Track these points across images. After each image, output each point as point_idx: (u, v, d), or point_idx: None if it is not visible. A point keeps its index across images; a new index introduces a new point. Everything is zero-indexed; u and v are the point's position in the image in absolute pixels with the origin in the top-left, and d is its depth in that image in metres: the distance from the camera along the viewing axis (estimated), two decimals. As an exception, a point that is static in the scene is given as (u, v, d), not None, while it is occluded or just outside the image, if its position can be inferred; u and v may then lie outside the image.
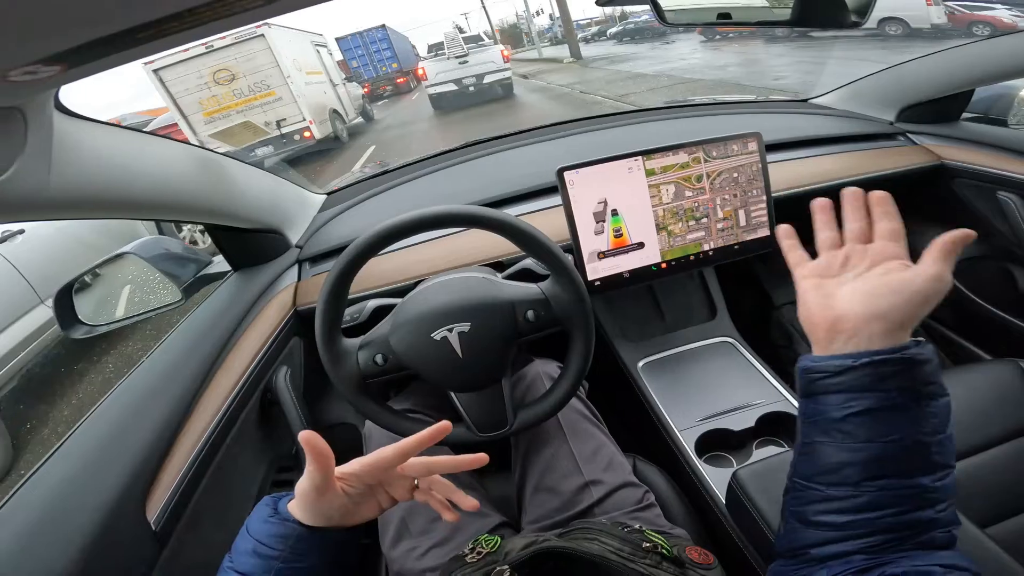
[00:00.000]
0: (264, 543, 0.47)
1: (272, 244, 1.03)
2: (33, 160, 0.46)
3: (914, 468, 0.37)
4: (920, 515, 0.37)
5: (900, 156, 1.14)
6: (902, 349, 0.38)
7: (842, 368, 0.39)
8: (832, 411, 0.39)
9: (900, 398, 0.37)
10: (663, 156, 0.88)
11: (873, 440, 0.38)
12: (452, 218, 0.62)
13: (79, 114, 0.54)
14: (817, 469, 0.41)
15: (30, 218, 0.54)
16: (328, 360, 0.66)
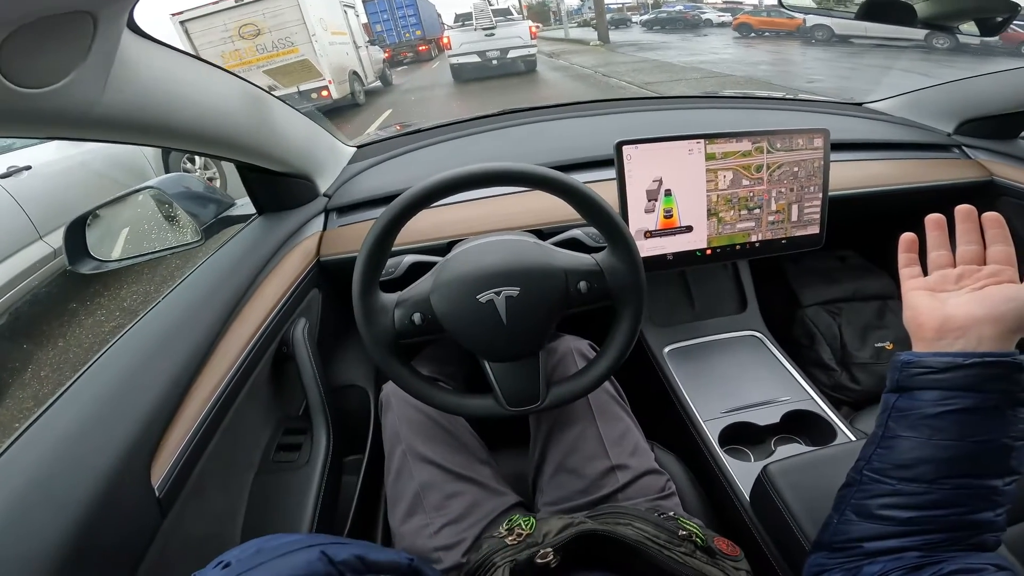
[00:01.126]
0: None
1: (301, 190, 0.99)
2: (91, 73, 0.43)
3: (991, 470, 0.38)
4: (982, 516, 0.38)
5: (953, 168, 1.12)
6: (1012, 355, 0.38)
7: (949, 365, 0.39)
8: (927, 407, 0.39)
9: (999, 400, 0.38)
10: (727, 142, 0.84)
11: (962, 439, 0.38)
12: (517, 176, 0.59)
13: (148, 34, 0.51)
14: (893, 463, 0.41)
15: (70, 135, 0.49)
16: (362, 315, 0.62)
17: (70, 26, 0.38)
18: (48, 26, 0.35)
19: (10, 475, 0.45)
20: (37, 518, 0.43)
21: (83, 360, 2.21)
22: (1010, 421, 0.38)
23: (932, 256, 0.47)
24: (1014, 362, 0.38)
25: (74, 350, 2.61)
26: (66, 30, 0.38)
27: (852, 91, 6.27)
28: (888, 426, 0.42)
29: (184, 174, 1.02)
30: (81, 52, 0.41)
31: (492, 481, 0.72)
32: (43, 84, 0.39)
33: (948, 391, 0.39)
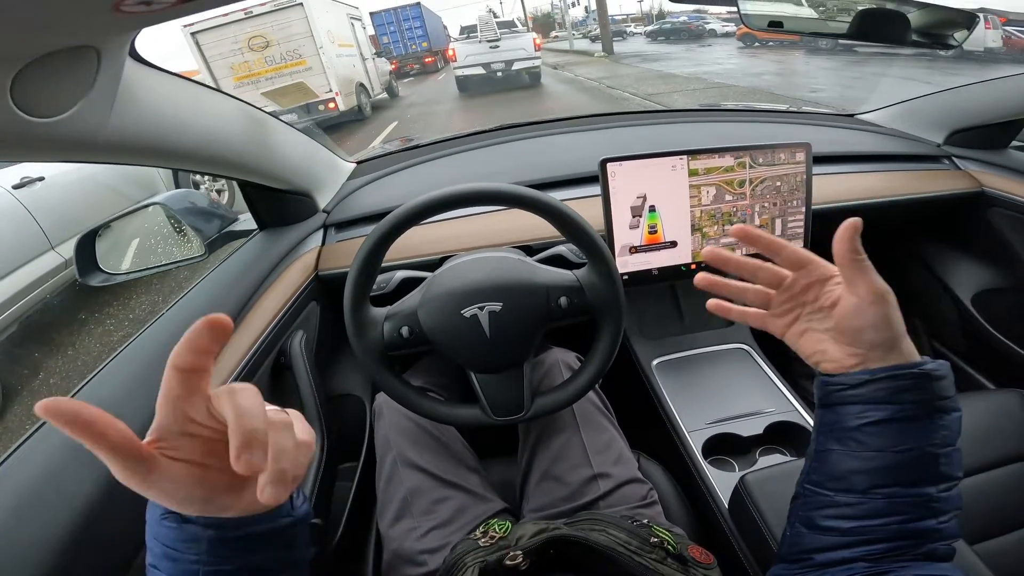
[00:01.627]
0: (176, 548, 0.34)
1: (301, 206, 1.02)
2: (97, 102, 0.46)
3: (921, 478, 0.39)
4: (923, 524, 0.38)
5: (942, 179, 1.13)
6: (919, 365, 0.39)
7: (861, 381, 0.40)
8: (848, 420, 0.41)
9: (915, 411, 0.39)
10: (709, 157, 0.86)
11: (885, 449, 0.39)
12: (499, 196, 0.62)
13: (149, 62, 0.54)
14: (828, 475, 0.42)
15: (78, 159, 0.53)
16: (353, 327, 0.65)
17: (75, 60, 0.41)
18: (55, 60, 0.38)
19: (26, 467, 0.49)
20: (48, 507, 0.46)
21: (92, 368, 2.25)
22: (931, 429, 0.39)
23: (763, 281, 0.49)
24: (921, 372, 0.39)
25: (83, 358, 2.66)
26: (72, 63, 0.41)
27: (855, 100, 6.27)
28: (819, 440, 0.44)
29: (190, 190, 1.06)
30: (87, 83, 0.44)
31: (479, 488, 0.74)
32: (53, 114, 0.42)
33: (865, 404, 0.40)
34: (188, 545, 0.34)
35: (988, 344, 1.12)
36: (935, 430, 0.39)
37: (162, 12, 0.33)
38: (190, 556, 0.34)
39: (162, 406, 0.32)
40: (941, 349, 1.23)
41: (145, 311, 3.02)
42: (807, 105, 6.12)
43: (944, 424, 0.39)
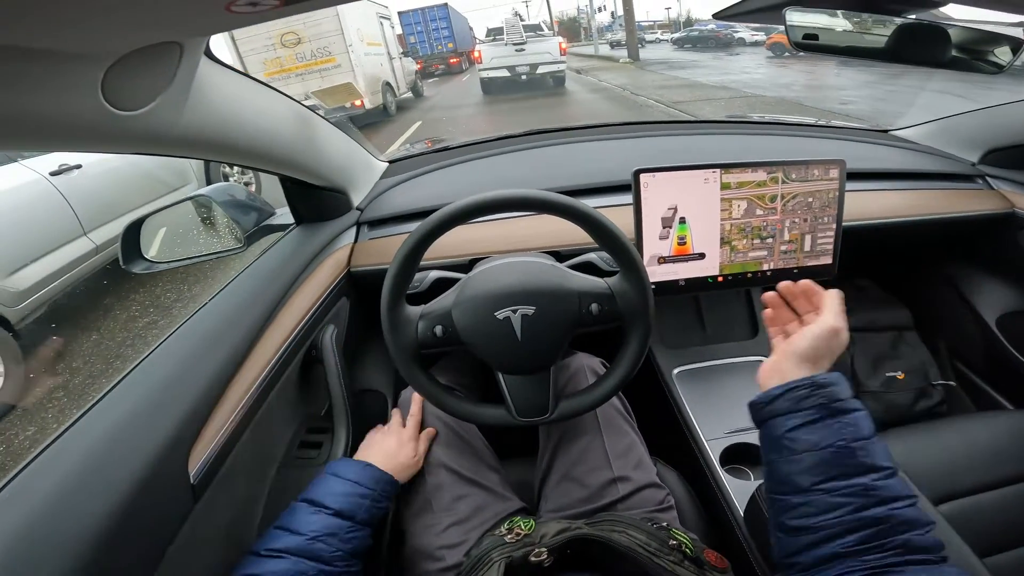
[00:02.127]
0: (363, 484, 0.64)
1: (336, 203, 1.05)
2: (173, 97, 0.48)
3: (849, 471, 0.45)
4: (874, 512, 0.43)
5: (974, 200, 1.11)
6: (809, 377, 0.50)
7: (772, 397, 0.51)
8: (776, 431, 0.50)
9: (817, 414, 0.48)
10: (742, 171, 0.87)
11: (808, 450, 0.47)
12: (539, 203, 0.63)
13: (220, 60, 0.57)
14: (777, 481, 0.49)
15: (147, 152, 0.55)
16: (389, 324, 0.67)
17: (161, 55, 0.44)
18: (143, 56, 0.41)
19: (66, 458, 0.49)
20: (87, 498, 0.46)
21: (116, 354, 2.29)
22: (836, 428, 0.47)
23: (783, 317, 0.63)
24: (812, 381, 0.49)
25: (107, 343, 2.71)
26: (157, 59, 0.43)
27: (888, 114, 6.14)
28: (764, 454, 0.52)
29: (232, 184, 1.09)
30: (167, 78, 0.46)
31: (499, 487, 0.76)
32: (135, 107, 0.45)
33: (781, 416, 0.50)
34: (376, 482, 0.66)
35: (1010, 366, 1.10)
36: (841, 427, 0.47)
37: (265, 12, 0.34)
38: (369, 491, 0.64)
39: None
40: (963, 369, 1.21)
41: (170, 299, 3.08)
42: (837, 118, 6.01)
43: (847, 422, 0.47)
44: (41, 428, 2.17)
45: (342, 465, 0.67)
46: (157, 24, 0.36)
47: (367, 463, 0.68)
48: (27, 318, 2.55)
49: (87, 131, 0.43)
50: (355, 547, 0.60)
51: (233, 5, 0.31)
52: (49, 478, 0.47)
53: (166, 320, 2.88)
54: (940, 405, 1.15)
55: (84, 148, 0.47)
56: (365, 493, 0.63)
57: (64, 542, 0.43)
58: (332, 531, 0.58)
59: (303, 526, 0.58)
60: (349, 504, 0.61)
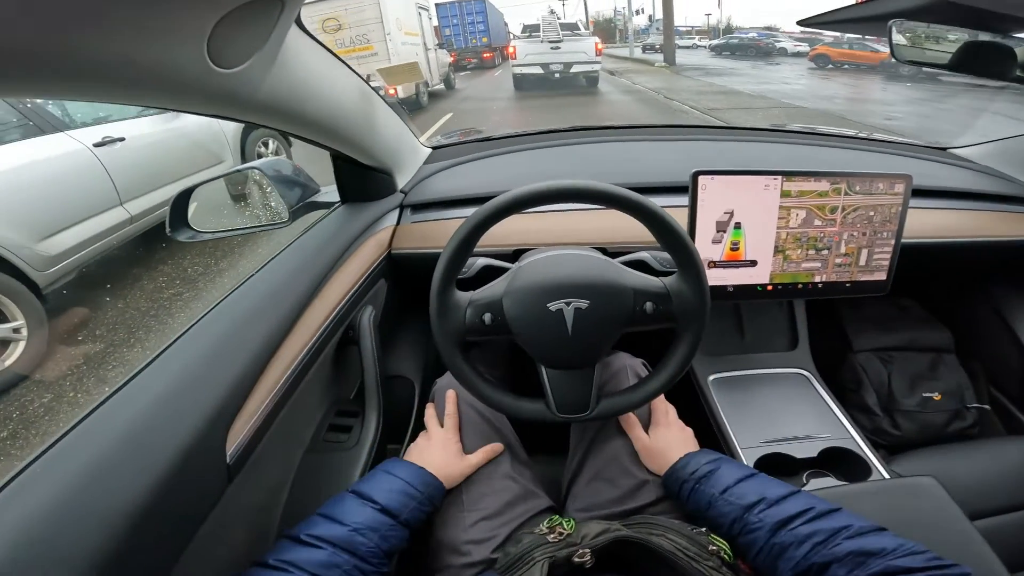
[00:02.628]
0: (412, 484, 0.63)
1: (383, 184, 1.05)
2: (265, 58, 0.48)
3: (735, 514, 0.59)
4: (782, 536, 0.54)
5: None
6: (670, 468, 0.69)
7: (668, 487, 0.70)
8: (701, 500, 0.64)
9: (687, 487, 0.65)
10: (804, 180, 0.84)
11: (704, 509, 0.62)
12: (605, 196, 0.61)
13: (305, 28, 0.56)
14: None
15: (225, 114, 0.54)
16: (437, 309, 0.65)
17: (261, 12, 0.43)
18: (247, 12, 0.40)
19: (107, 428, 0.47)
20: (126, 472, 0.45)
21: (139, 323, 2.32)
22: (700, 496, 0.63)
23: None
24: (671, 470, 0.68)
25: (131, 312, 2.73)
26: (259, 15, 0.43)
27: (934, 133, 5.94)
28: None
29: (280, 159, 1.09)
30: (263, 37, 0.46)
31: (531, 483, 0.74)
32: (232, 65, 0.44)
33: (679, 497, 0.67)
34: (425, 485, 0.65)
35: None
36: (706, 490, 0.62)
37: None
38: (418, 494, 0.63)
39: None
40: (997, 394, 1.19)
41: (197, 272, 3.12)
42: (880, 132, 5.83)
43: (709, 484, 0.63)
44: (58, 396, 2.15)
45: (395, 464, 0.67)
46: None
47: (420, 466, 0.67)
48: (56, 283, 2.57)
49: (186, 86, 0.43)
50: (392, 546, 0.59)
51: None
52: (81, 455, 0.45)
53: (192, 292, 2.91)
54: (972, 427, 1.13)
55: (177, 104, 0.47)
56: (414, 494, 0.63)
57: (100, 515, 0.42)
58: (374, 526, 0.57)
59: (348, 517, 0.57)
60: (396, 502, 0.61)
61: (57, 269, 2.54)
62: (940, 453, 0.94)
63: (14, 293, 2.27)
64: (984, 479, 0.83)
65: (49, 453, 0.45)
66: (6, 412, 2.07)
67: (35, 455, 0.44)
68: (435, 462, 0.69)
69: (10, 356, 2.24)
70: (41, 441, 0.46)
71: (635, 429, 0.73)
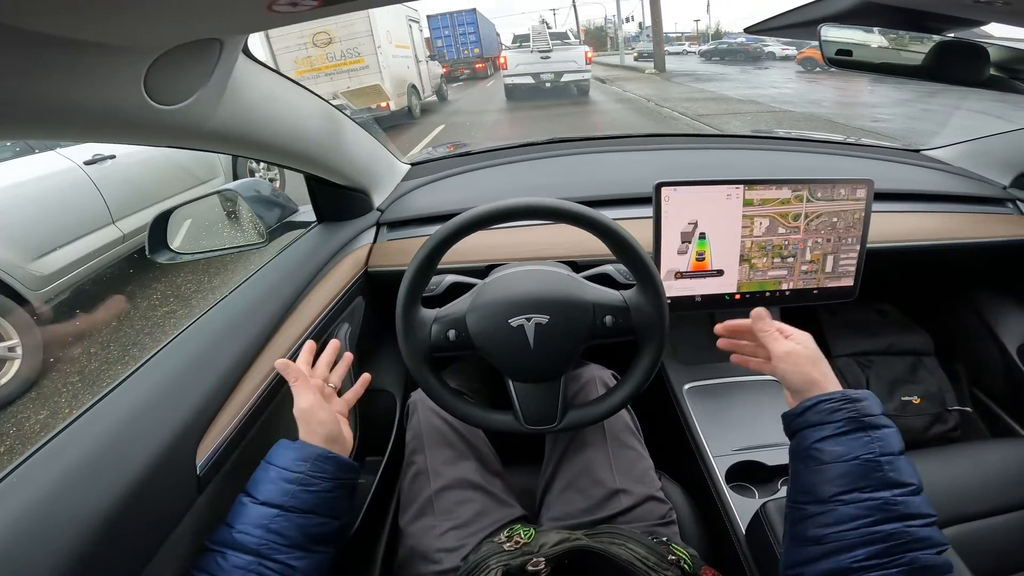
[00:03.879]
0: (285, 467, 0.55)
1: (358, 203, 1.06)
2: (210, 93, 0.49)
3: (873, 484, 0.46)
4: (889, 527, 0.44)
5: (1003, 224, 1.08)
6: (842, 391, 0.52)
7: (804, 408, 0.53)
8: (804, 442, 0.52)
9: (847, 426, 0.49)
10: (766, 188, 0.86)
11: (833, 461, 0.48)
12: (559, 212, 0.63)
13: (256, 58, 0.58)
14: (799, 490, 0.51)
15: (182, 145, 0.56)
16: (403, 326, 0.67)
17: (201, 51, 0.45)
18: (185, 51, 0.42)
19: (79, 442, 0.50)
20: (98, 482, 0.47)
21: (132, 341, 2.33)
22: (865, 442, 0.48)
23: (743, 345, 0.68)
24: (843, 396, 0.51)
25: (126, 330, 2.75)
26: (198, 55, 0.45)
27: (920, 133, 6.00)
28: (791, 464, 0.54)
29: (257, 180, 1.11)
30: (206, 74, 0.47)
31: (502, 492, 0.76)
32: (174, 102, 0.46)
33: (811, 428, 0.51)
34: (300, 463, 0.55)
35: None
36: (870, 441, 0.48)
37: (304, 13, 0.35)
38: (295, 473, 0.54)
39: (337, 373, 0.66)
40: (980, 395, 1.19)
41: (190, 290, 3.14)
42: (867, 136, 5.89)
43: (877, 437, 0.48)
44: (53, 412, 2.19)
45: (274, 450, 0.58)
46: (201, 21, 0.37)
47: (295, 443, 0.58)
48: (50, 302, 2.58)
49: (127, 124, 0.45)
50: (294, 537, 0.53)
51: (274, 4, 0.32)
52: (56, 465, 0.47)
53: (185, 310, 2.93)
54: (954, 431, 1.14)
55: (122, 140, 0.48)
56: (290, 477, 0.54)
57: (69, 524, 0.43)
58: (259, 523, 0.52)
59: (237, 518, 0.53)
60: (274, 491, 0.54)
61: (51, 288, 2.55)
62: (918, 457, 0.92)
63: (8, 312, 2.30)
64: (962, 484, 0.82)
65: (25, 465, 0.47)
66: (3, 428, 2.11)
67: (11, 467, 0.46)
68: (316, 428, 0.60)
69: (6, 374, 2.27)
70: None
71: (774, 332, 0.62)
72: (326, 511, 0.55)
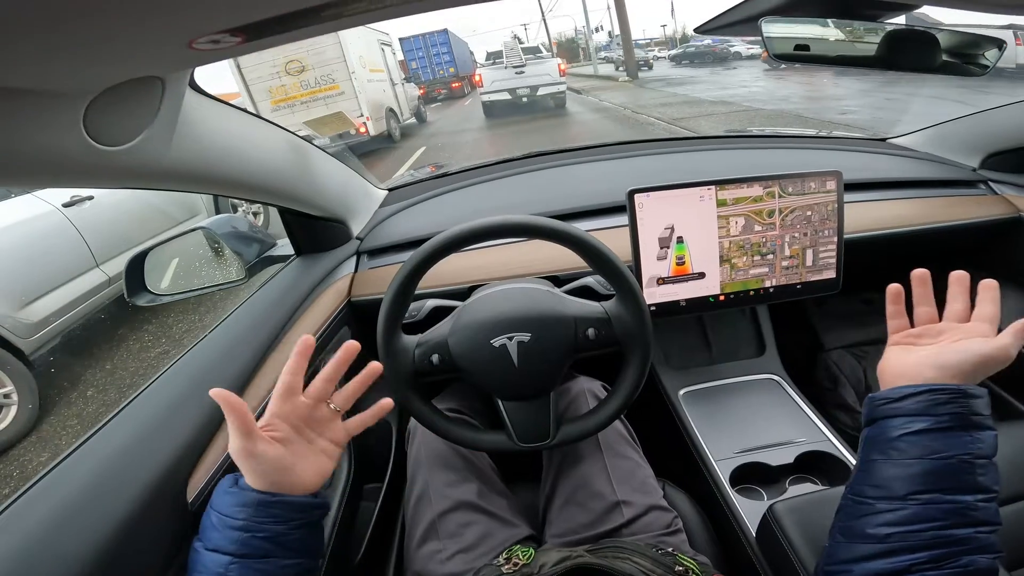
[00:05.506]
0: (227, 514, 0.47)
1: (336, 233, 1.06)
2: (159, 132, 0.49)
3: (958, 486, 0.42)
4: (961, 532, 0.41)
5: (978, 205, 1.10)
6: (956, 385, 0.45)
7: (904, 395, 0.46)
8: (891, 432, 0.46)
9: (951, 422, 0.44)
10: (737, 187, 0.86)
11: (923, 456, 0.43)
12: (528, 229, 0.63)
13: (205, 91, 0.57)
14: (869, 483, 0.46)
15: (141, 186, 0.56)
16: (385, 353, 0.67)
17: (142, 90, 0.44)
18: (124, 91, 0.41)
19: (68, 482, 0.50)
20: (88, 521, 0.47)
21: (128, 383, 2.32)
22: (965, 441, 0.43)
23: (917, 312, 0.54)
24: (958, 388, 0.45)
25: (120, 372, 2.75)
26: (139, 94, 0.44)
27: (887, 122, 6.16)
28: (864, 453, 0.48)
29: (233, 215, 1.10)
30: (151, 112, 0.47)
31: (507, 513, 0.74)
32: (120, 142, 0.45)
33: (906, 416, 0.45)
34: (240, 509, 0.47)
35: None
36: (971, 442, 0.43)
37: (228, 50, 0.35)
38: (238, 520, 0.46)
39: (275, 399, 0.51)
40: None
41: (182, 330, 3.12)
42: (837, 128, 6.02)
43: (979, 438, 0.44)
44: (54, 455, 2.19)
45: (219, 487, 0.50)
46: (129, 60, 0.36)
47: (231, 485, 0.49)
48: (41, 348, 2.61)
49: (74, 168, 0.44)
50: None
51: (195, 43, 0.32)
52: (49, 501, 0.48)
53: (178, 350, 2.90)
54: None
55: (73, 184, 0.48)
56: (235, 524, 0.47)
57: (62, 565, 0.43)
58: (215, 570, 0.46)
59: (194, 565, 0.48)
60: (221, 539, 0.47)
61: (41, 335, 2.57)
62: None
63: (1, 361, 2.34)
64: None
65: (16, 504, 0.47)
66: (6, 471, 2.19)
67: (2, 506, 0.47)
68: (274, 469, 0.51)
69: (3, 420, 2.32)
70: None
71: None
72: (286, 553, 0.48)
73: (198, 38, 0.31)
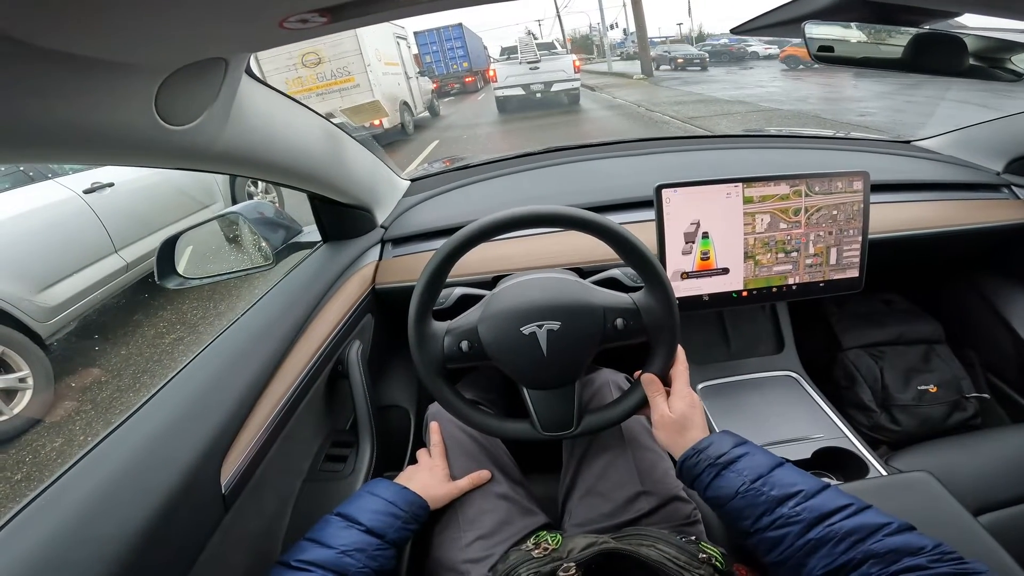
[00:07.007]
0: (397, 504, 0.65)
1: (362, 221, 1.07)
2: (217, 113, 0.50)
3: (767, 506, 0.52)
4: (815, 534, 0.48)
5: (1000, 209, 1.09)
6: (692, 446, 0.60)
7: (677, 471, 0.62)
8: (702, 495, 0.59)
9: (711, 473, 0.57)
10: (764, 185, 0.87)
11: (727, 503, 0.55)
12: (565, 219, 0.64)
13: (258, 77, 0.59)
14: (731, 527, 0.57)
15: (190, 167, 0.57)
16: (415, 340, 0.68)
17: (208, 71, 0.45)
18: (194, 71, 0.43)
19: (104, 466, 0.51)
20: (123, 505, 0.48)
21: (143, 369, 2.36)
22: (731, 477, 0.55)
23: None
24: (693, 449, 0.60)
25: (135, 358, 2.77)
26: (205, 75, 0.45)
27: (907, 124, 6.06)
28: None
29: (261, 202, 1.12)
30: (212, 94, 0.48)
31: (525, 500, 0.75)
32: (184, 122, 0.47)
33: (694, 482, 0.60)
34: (409, 504, 0.66)
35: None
36: (735, 476, 0.54)
37: (313, 30, 0.36)
38: (402, 512, 0.65)
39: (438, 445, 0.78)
40: (995, 381, 1.19)
41: (196, 316, 3.15)
42: (857, 130, 5.94)
43: (739, 469, 0.55)
44: (68, 440, 2.22)
45: (378, 485, 0.68)
46: (210, 39, 0.37)
47: (403, 486, 0.69)
48: (58, 333, 2.62)
49: (139, 145, 0.45)
50: (380, 565, 0.60)
51: (286, 21, 0.33)
52: (85, 485, 0.48)
53: (192, 336, 2.94)
54: (975, 418, 1.13)
55: (134, 162, 0.49)
56: (398, 513, 0.64)
57: (99, 548, 0.44)
58: (361, 547, 0.59)
59: (334, 540, 0.58)
60: (381, 522, 0.62)
61: (58, 320, 2.58)
62: (941, 447, 0.92)
63: (17, 344, 2.34)
64: (988, 471, 0.81)
65: (51, 489, 0.47)
66: (20, 456, 2.18)
67: (38, 492, 0.47)
68: (421, 484, 0.71)
69: (18, 404, 2.32)
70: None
71: (658, 398, 0.67)
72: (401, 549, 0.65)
73: (289, 16, 0.32)
